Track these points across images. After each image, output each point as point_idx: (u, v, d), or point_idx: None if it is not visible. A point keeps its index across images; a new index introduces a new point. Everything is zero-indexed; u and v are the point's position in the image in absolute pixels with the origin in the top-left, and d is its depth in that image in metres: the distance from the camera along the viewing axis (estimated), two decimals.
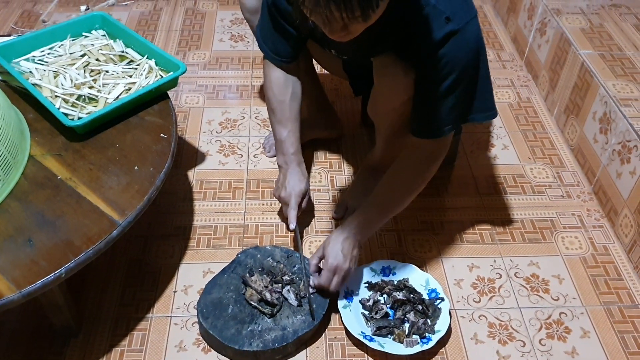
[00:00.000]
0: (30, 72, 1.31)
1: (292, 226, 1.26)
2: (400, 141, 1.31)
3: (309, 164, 1.59)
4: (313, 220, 1.43)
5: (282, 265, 1.26)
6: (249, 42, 2.05)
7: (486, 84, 1.16)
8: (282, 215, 1.40)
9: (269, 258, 1.27)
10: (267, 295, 1.17)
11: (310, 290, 1.19)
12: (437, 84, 1.07)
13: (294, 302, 1.18)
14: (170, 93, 1.35)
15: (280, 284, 1.20)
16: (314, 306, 1.18)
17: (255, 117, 1.73)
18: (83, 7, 2.21)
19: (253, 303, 1.17)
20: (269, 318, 1.16)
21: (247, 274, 1.20)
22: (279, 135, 1.31)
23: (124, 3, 2.25)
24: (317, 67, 1.60)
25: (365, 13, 0.87)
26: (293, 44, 1.26)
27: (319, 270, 1.19)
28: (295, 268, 1.25)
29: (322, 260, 1.19)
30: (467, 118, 1.17)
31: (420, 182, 1.21)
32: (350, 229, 1.18)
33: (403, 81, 1.12)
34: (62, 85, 1.28)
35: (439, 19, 1.02)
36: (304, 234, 1.40)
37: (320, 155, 1.61)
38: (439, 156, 1.19)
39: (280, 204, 1.35)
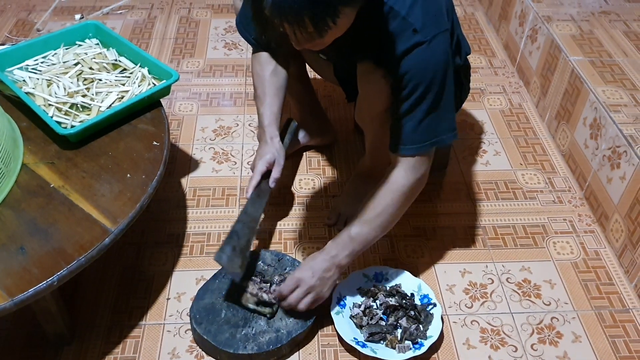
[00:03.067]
0: (24, 80, 1.32)
1: (248, 194, 1.22)
2: (386, 148, 1.32)
3: (301, 170, 1.60)
4: (306, 227, 1.44)
5: (272, 269, 1.26)
6: (242, 50, 2.06)
7: (451, 104, 1.13)
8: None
9: (260, 262, 1.28)
10: (264, 296, 1.17)
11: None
12: (404, 98, 1.07)
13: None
14: (164, 101, 1.36)
15: (269, 283, 1.21)
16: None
17: (249, 125, 1.73)
18: (77, 16, 2.22)
19: (251, 307, 1.17)
20: (269, 318, 1.17)
21: (238, 280, 1.20)
22: (258, 110, 1.30)
23: (118, 12, 2.26)
24: (311, 74, 1.61)
25: (320, 31, 0.87)
26: (272, 35, 1.26)
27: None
28: (286, 270, 1.26)
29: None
30: (436, 138, 1.11)
31: (400, 204, 1.15)
32: (329, 250, 1.15)
33: (384, 87, 1.12)
34: (55, 93, 1.29)
35: (407, 30, 1.02)
36: (288, 237, 1.40)
37: (313, 162, 1.62)
38: (416, 175, 1.13)
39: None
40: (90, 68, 1.37)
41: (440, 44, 1.05)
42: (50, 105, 1.26)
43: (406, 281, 1.27)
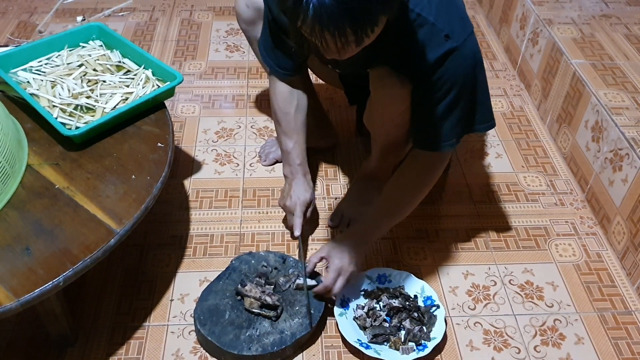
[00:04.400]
0: (28, 82, 1.32)
1: (297, 232, 1.27)
2: (396, 150, 1.33)
3: None
4: (308, 227, 1.44)
5: (276, 271, 1.26)
6: (244, 52, 2.06)
7: (486, 96, 1.18)
8: (287, 224, 1.41)
9: (263, 263, 1.28)
10: (268, 299, 1.17)
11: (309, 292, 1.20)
12: (438, 100, 1.09)
13: (285, 287, 1.22)
14: (166, 103, 1.36)
15: (273, 285, 1.21)
16: (312, 311, 1.19)
17: (251, 127, 1.74)
18: (79, 18, 2.22)
19: (255, 310, 1.18)
20: (274, 320, 1.17)
21: (240, 285, 1.20)
22: (285, 147, 1.32)
23: (120, 14, 2.27)
24: (312, 77, 1.61)
25: (359, 40, 0.88)
26: (295, 58, 1.27)
27: (314, 274, 1.20)
28: (290, 272, 1.26)
29: (323, 261, 1.20)
30: (470, 129, 1.19)
31: (423, 190, 1.23)
32: (355, 233, 1.20)
33: (400, 92, 1.13)
34: (59, 95, 1.29)
35: (438, 36, 1.03)
36: (308, 243, 1.41)
37: (315, 164, 1.63)
38: (441, 165, 1.22)
39: (285, 213, 1.36)
40: (94, 69, 1.38)
41: (471, 46, 1.08)
42: (54, 106, 1.26)
43: (409, 283, 1.27)
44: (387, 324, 1.20)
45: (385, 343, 1.17)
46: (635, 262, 1.32)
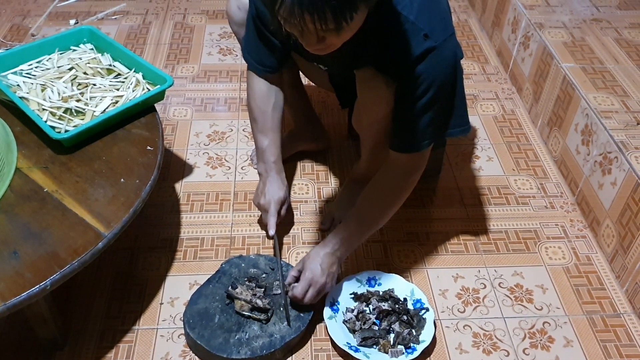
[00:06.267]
0: (18, 85, 1.32)
1: (272, 232, 1.27)
2: (385, 152, 1.33)
3: (295, 175, 1.60)
4: (300, 231, 1.44)
5: (265, 275, 1.27)
6: (237, 55, 2.06)
7: (462, 100, 1.19)
8: (262, 223, 1.41)
9: (253, 267, 1.28)
10: (259, 302, 1.17)
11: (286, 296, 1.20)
12: (415, 99, 1.09)
13: (275, 290, 1.23)
14: (158, 106, 1.36)
15: (264, 288, 1.21)
16: (297, 313, 1.19)
17: (243, 130, 1.74)
18: (72, 21, 2.22)
19: (246, 313, 1.18)
20: (265, 323, 1.17)
21: (230, 288, 1.20)
22: (260, 144, 1.33)
23: (113, 17, 2.27)
24: (304, 80, 1.62)
25: (339, 25, 0.89)
26: (277, 55, 1.28)
27: (296, 281, 1.20)
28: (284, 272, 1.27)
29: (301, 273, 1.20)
30: (445, 132, 1.19)
31: (400, 196, 1.23)
32: (332, 244, 1.19)
33: (385, 93, 1.14)
34: (49, 98, 1.29)
35: (418, 35, 1.04)
36: (283, 242, 1.41)
37: (307, 167, 1.63)
38: (418, 170, 1.21)
39: (260, 212, 1.36)
40: (85, 73, 1.38)
41: (450, 47, 1.09)
42: (44, 109, 1.26)
43: (399, 286, 1.27)
44: (376, 327, 1.20)
45: (375, 346, 1.17)
46: (624, 264, 1.33)
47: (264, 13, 1.19)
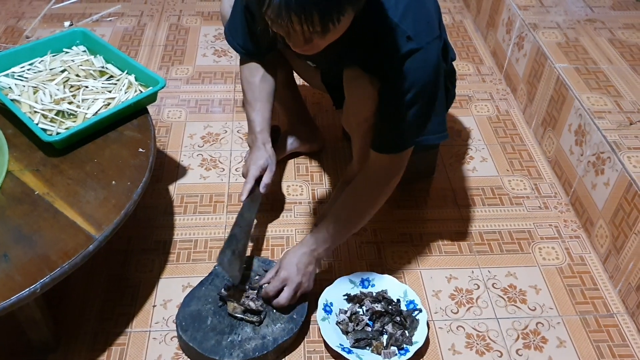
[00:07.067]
0: (10, 87, 1.32)
1: (243, 197, 1.25)
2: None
3: (290, 176, 1.60)
4: (294, 232, 1.44)
5: (258, 277, 1.26)
6: (232, 57, 2.06)
7: (442, 107, 1.19)
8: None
9: (246, 269, 1.28)
10: (251, 304, 1.17)
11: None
12: (396, 100, 1.10)
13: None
14: (152, 107, 1.36)
15: (256, 290, 1.21)
16: (289, 315, 1.19)
17: (238, 131, 1.74)
18: (67, 23, 2.22)
19: (238, 316, 1.17)
20: (258, 325, 1.17)
21: (223, 290, 1.20)
22: (248, 115, 1.33)
23: (108, 19, 2.26)
24: (299, 81, 1.62)
25: (325, 27, 0.89)
26: (265, 44, 1.28)
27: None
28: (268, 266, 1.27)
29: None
30: (421, 136, 1.18)
31: (379, 198, 1.22)
32: (310, 244, 1.19)
33: (371, 93, 1.14)
34: (41, 100, 1.29)
35: (401, 37, 1.05)
36: (277, 243, 1.40)
37: (301, 168, 1.63)
38: (398, 172, 1.21)
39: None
40: (77, 75, 1.38)
41: (433, 50, 1.09)
42: (36, 112, 1.26)
43: (392, 287, 1.27)
44: (369, 329, 1.20)
45: (368, 347, 1.17)
46: (617, 265, 1.33)
47: (253, 6, 1.20)
